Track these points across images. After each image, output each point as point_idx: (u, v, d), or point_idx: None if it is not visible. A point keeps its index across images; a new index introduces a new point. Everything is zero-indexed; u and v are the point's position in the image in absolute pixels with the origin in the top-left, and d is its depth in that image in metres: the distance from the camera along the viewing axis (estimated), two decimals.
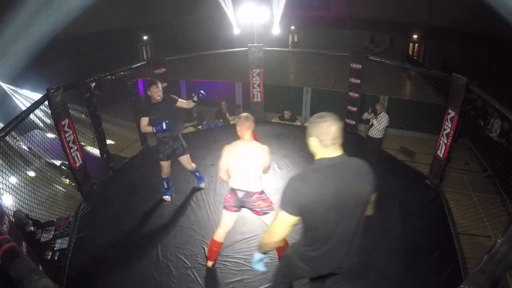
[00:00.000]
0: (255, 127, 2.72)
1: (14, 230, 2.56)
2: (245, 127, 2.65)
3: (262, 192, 2.69)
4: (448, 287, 2.76)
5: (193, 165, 3.93)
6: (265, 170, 2.69)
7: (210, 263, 2.94)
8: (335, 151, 1.61)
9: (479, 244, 4.18)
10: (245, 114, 2.73)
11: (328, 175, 1.57)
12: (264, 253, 1.85)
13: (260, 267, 1.90)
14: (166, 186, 3.92)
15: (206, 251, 3.08)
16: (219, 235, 2.83)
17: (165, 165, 3.74)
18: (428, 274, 2.91)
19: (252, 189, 2.65)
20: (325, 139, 1.57)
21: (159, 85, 3.47)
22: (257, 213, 2.76)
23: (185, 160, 3.80)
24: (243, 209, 3.01)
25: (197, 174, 4.09)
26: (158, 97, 3.46)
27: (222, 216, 2.86)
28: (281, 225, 1.58)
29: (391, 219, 3.54)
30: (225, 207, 2.78)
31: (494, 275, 1.11)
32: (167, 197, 3.94)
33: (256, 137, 2.84)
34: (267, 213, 2.69)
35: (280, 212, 1.57)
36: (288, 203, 1.54)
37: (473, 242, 3.99)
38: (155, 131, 3.41)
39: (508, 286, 3.76)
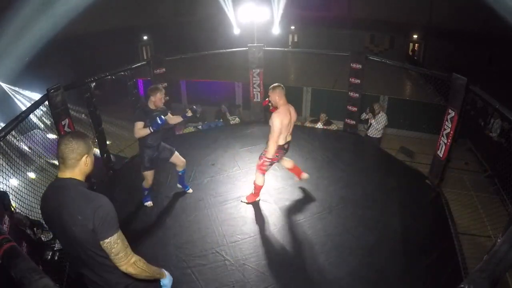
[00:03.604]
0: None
1: (14, 230, 2.56)
2: (282, 94, 3.31)
3: None
4: (448, 287, 2.76)
5: (184, 160, 3.83)
6: None
7: (258, 198, 3.75)
8: (61, 172, 1.55)
9: (479, 244, 4.19)
10: (276, 84, 3.36)
11: (47, 194, 1.57)
12: None
13: None
14: (145, 194, 3.81)
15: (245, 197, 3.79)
16: (262, 181, 3.61)
17: (150, 174, 3.64)
18: (428, 274, 2.91)
19: (290, 138, 3.49)
20: (57, 157, 1.54)
21: (164, 91, 3.44)
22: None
23: (176, 157, 3.73)
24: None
25: (183, 178, 4.00)
26: (161, 104, 3.42)
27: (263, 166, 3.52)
28: None
29: (391, 219, 3.54)
30: (271, 164, 3.51)
31: (494, 274, 1.11)
32: (149, 203, 3.83)
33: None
34: None
35: None
36: None
37: (473, 242, 4.00)
38: (152, 130, 3.30)
39: (508, 286, 3.76)
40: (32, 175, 4.61)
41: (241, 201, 3.80)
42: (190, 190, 4.05)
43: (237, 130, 5.90)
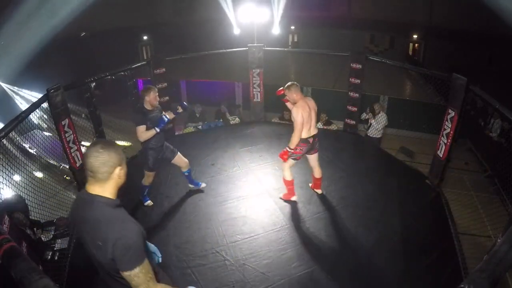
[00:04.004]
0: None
1: (14, 230, 2.56)
2: (298, 90, 3.39)
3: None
4: (448, 287, 2.76)
5: (187, 160, 3.85)
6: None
7: (294, 198, 3.78)
8: (90, 186, 1.42)
9: (479, 244, 4.19)
10: (289, 83, 3.43)
11: (74, 207, 1.50)
12: None
13: None
14: (145, 193, 3.84)
15: (282, 195, 3.84)
16: (290, 175, 3.64)
17: (152, 175, 3.70)
18: (428, 274, 2.91)
19: (315, 132, 3.49)
20: (85, 168, 1.41)
21: (156, 89, 3.46)
22: (315, 151, 3.62)
23: (178, 158, 3.75)
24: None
25: (191, 177, 4.03)
26: (156, 102, 3.43)
27: (287, 163, 3.54)
28: None
29: (391, 219, 3.54)
30: (294, 158, 3.51)
31: (494, 274, 1.12)
32: (148, 203, 3.86)
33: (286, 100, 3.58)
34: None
35: None
36: None
37: (473, 242, 3.99)
38: (158, 130, 3.37)
39: (508, 286, 3.76)
40: (32, 174, 4.61)
41: (280, 197, 3.86)
42: (204, 185, 4.08)
43: (237, 130, 5.90)
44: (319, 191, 3.95)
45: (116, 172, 1.42)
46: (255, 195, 3.95)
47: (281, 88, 3.59)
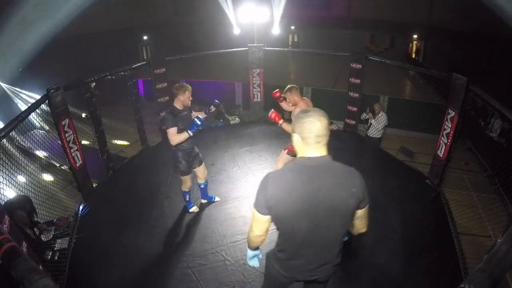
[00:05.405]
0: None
1: (15, 229, 2.55)
2: (298, 92, 3.44)
3: None
4: (448, 287, 2.76)
5: (206, 172, 3.72)
6: None
7: None
8: (317, 151, 1.46)
9: (479, 244, 4.19)
10: (289, 85, 3.46)
11: (302, 177, 1.44)
12: (255, 249, 1.78)
13: (253, 263, 1.85)
14: (188, 199, 3.71)
15: None
16: None
17: (189, 178, 3.52)
18: (428, 274, 2.91)
19: None
20: (307, 136, 1.44)
21: (190, 88, 3.28)
22: None
23: (202, 168, 3.63)
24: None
25: (207, 190, 3.88)
26: (189, 102, 3.27)
27: (283, 159, 3.61)
28: (256, 222, 1.56)
29: (391, 219, 3.54)
30: (292, 155, 3.49)
31: (494, 274, 1.12)
32: (194, 209, 3.74)
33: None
34: None
35: (253, 209, 1.53)
36: (258, 202, 1.49)
37: (473, 242, 3.99)
38: (191, 134, 3.19)
39: (508, 286, 3.76)
40: (32, 175, 4.60)
41: None
42: (218, 199, 3.92)
43: (237, 130, 5.90)
44: None
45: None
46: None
47: (277, 90, 3.59)
